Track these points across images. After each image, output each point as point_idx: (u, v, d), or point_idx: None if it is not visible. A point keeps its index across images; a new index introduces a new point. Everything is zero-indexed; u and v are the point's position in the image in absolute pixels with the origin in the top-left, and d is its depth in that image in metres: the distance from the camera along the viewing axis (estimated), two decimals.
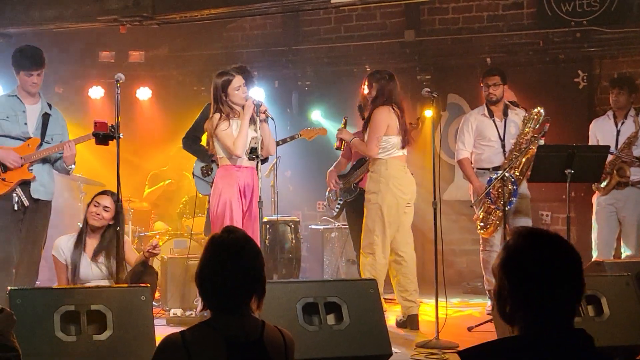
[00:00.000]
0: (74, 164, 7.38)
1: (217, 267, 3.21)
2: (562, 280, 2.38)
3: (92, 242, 6.98)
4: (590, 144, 8.69)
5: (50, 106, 7.50)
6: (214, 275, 3.20)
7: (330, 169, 9.22)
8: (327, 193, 9.33)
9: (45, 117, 7.36)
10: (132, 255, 7.13)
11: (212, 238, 3.30)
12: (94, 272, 6.90)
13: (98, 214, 6.91)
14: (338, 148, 8.03)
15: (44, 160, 7.32)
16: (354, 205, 8.98)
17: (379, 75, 7.73)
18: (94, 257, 6.90)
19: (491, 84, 8.45)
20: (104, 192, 7.09)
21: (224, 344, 3.10)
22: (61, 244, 7.05)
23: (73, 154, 7.23)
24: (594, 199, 8.68)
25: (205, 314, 3.29)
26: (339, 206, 9.11)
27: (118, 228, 6.53)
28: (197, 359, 3.06)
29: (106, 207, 6.91)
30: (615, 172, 8.47)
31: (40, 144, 7.25)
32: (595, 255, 8.58)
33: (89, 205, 7.06)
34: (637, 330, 5.90)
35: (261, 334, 3.20)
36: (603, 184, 8.56)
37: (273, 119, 7.27)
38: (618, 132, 8.64)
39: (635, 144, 8.52)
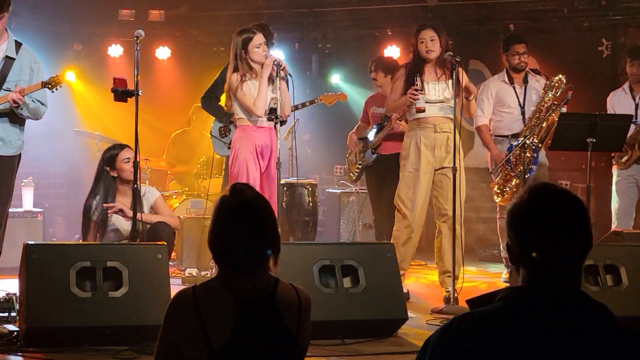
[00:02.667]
0: (30, 108, 6.64)
1: (227, 228, 3.18)
2: (566, 233, 2.31)
3: (124, 200, 6.91)
4: None
5: (18, 48, 6.70)
6: (225, 237, 3.17)
7: (352, 131, 9.19)
8: (347, 156, 9.29)
9: (8, 62, 6.62)
10: (165, 210, 7.15)
11: (220, 199, 3.26)
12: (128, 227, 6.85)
13: (128, 170, 6.81)
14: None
15: (3, 109, 6.63)
16: (373, 169, 8.95)
17: None
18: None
19: (522, 52, 8.34)
20: (122, 147, 6.97)
21: (233, 301, 3.07)
22: (90, 200, 6.99)
23: (13, 98, 6.44)
24: (614, 170, 8.60)
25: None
26: (358, 170, 9.07)
27: (135, 185, 6.46)
28: (207, 314, 3.04)
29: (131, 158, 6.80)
30: (637, 146, 8.37)
31: None
32: (614, 225, 8.52)
33: (112, 163, 6.90)
34: None
35: (273, 291, 3.17)
36: (624, 159, 8.47)
37: (291, 76, 7.20)
38: (637, 105, 8.53)
39: None
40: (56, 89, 6.63)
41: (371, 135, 8.90)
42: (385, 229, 8.76)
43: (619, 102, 8.62)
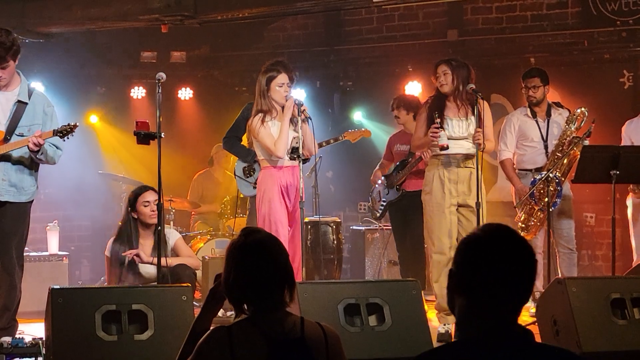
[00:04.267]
0: (48, 154, 6.54)
1: (241, 269, 3.20)
2: (505, 278, 2.34)
3: (146, 243, 6.95)
4: None
5: (31, 93, 6.66)
6: (241, 278, 3.19)
7: (376, 168, 9.21)
8: (371, 193, 9.30)
9: (20, 106, 6.57)
10: (185, 251, 7.15)
11: (231, 243, 3.29)
12: (153, 271, 6.88)
13: (153, 211, 6.86)
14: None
15: (18, 156, 6.58)
16: (397, 206, 8.95)
17: None
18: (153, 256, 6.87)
19: (530, 85, 8.33)
20: (145, 189, 7.03)
21: (265, 341, 3.08)
22: (114, 245, 7.04)
23: (34, 142, 6.35)
24: (628, 199, 8.51)
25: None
26: (382, 207, 9.07)
27: (159, 227, 6.49)
28: (240, 355, 3.05)
29: (155, 200, 6.86)
30: None
31: (6, 138, 6.51)
32: (636, 257, 8.45)
33: (133, 205, 6.96)
34: None
35: (302, 331, 3.17)
36: None
37: (311, 119, 7.23)
38: None
39: None
40: (68, 138, 6.59)
41: (395, 171, 8.92)
42: (410, 266, 8.75)
43: (635, 130, 8.55)
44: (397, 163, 8.98)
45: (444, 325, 7.01)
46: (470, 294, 2.38)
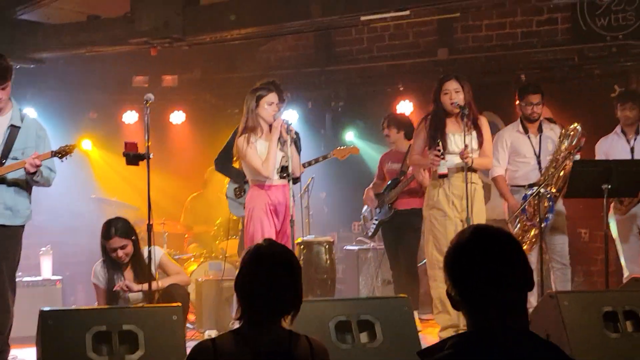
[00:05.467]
0: (43, 175, 6.63)
1: (265, 274, 3.20)
2: (501, 273, 2.34)
3: (128, 270, 6.95)
4: None
5: (23, 117, 6.77)
6: (258, 282, 3.18)
7: (368, 187, 9.21)
8: (363, 211, 9.30)
9: (14, 131, 6.66)
10: (172, 267, 7.12)
11: (257, 247, 3.27)
12: (139, 296, 6.88)
13: (124, 255, 6.85)
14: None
15: (13, 179, 6.65)
16: (389, 225, 8.95)
17: None
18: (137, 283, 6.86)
19: (535, 102, 8.28)
20: (108, 236, 6.85)
21: (251, 354, 3.07)
22: (98, 270, 7.02)
23: (32, 164, 6.45)
24: (611, 216, 8.47)
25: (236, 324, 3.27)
26: (374, 225, 9.06)
27: (150, 247, 6.48)
28: None
29: (122, 246, 6.84)
30: None
31: (1, 162, 6.58)
32: (626, 273, 8.44)
33: (105, 252, 6.94)
34: None
35: (289, 344, 3.17)
36: (625, 203, 8.41)
37: (298, 134, 7.24)
38: (632, 148, 8.50)
39: None
40: (66, 158, 6.63)
41: (387, 190, 8.92)
42: (403, 284, 8.72)
43: (612, 146, 8.57)
44: (389, 182, 8.98)
45: None
46: (469, 303, 2.38)
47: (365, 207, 9.26)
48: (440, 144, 7.17)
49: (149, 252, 6.55)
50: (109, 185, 11.55)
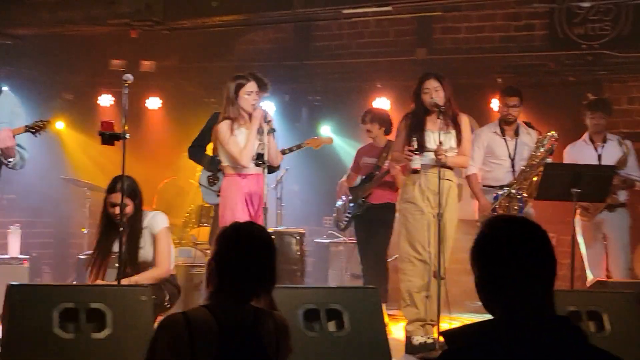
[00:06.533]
0: (19, 156, 6.55)
1: (243, 254, 3.22)
2: (530, 262, 2.35)
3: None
4: None
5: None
6: (239, 261, 3.21)
7: (341, 180, 9.22)
8: (336, 204, 9.31)
9: None
10: (160, 251, 6.73)
11: (237, 226, 3.30)
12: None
13: (117, 214, 6.62)
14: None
15: None
16: (362, 218, 8.97)
17: None
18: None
19: (512, 104, 8.34)
20: (112, 189, 6.62)
21: (219, 328, 3.10)
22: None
23: (7, 146, 6.37)
24: (577, 220, 8.55)
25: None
26: (347, 218, 9.08)
27: (121, 229, 6.43)
28: (196, 338, 3.07)
29: (123, 204, 6.66)
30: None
31: None
32: (589, 277, 8.55)
33: (104, 204, 6.75)
34: (637, 348, 5.86)
35: (254, 319, 3.20)
36: (591, 209, 8.52)
37: (275, 130, 7.25)
38: (599, 156, 8.61)
39: (623, 167, 8.49)
40: (40, 134, 6.55)
41: (361, 184, 8.94)
42: (373, 278, 8.75)
43: (580, 153, 8.67)
44: (364, 176, 9.01)
45: (423, 336, 7.03)
46: (501, 291, 2.37)
47: (338, 201, 9.28)
48: (416, 140, 7.21)
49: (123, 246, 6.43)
50: (80, 167, 11.52)
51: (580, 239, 8.68)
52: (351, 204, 9.04)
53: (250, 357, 3.18)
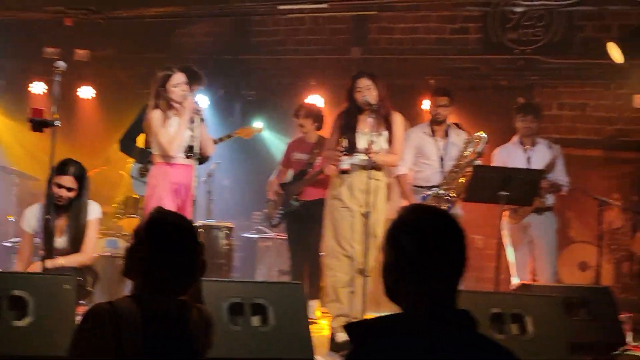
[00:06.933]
0: None
1: (173, 246, 3.20)
2: (441, 254, 2.35)
3: (61, 221, 6.82)
4: None
5: None
6: (169, 253, 3.18)
7: (271, 178, 9.20)
8: (268, 200, 9.28)
9: None
10: (88, 238, 6.88)
11: (157, 219, 3.26)
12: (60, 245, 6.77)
13: (61, 196, 6.69)
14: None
15: None
16: (294, 216, 8.96)
17: None
18: (62, 233, 6.76)
19: (441, 104, 8.42)
20: (62, 169, 6.72)
21: (145, 320, 3.09)
22: (30, 216, 6.87)
23: None
24: (504, 222, 8.65)
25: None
26: (279, 215, 9.07)
27: (48, 217, 6.41)
28: (123, 330, 3.05)
29: (69, 188, 6.71)
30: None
31: None
32: (513, 280, 8.66)
33: (49, 184, 6.78)
34: (559, 351, 5.96)
35: (179, 311, 3.20)
36: (519, 212, 8.64)
37: (203, 120, 7.24)
38: (528, 158, 8.74)
39: (551, 171, 8.63)
40: None
41: (293, 181, 8.94)
42: (301, 275, 8.78)
43: (509, 155, 8.76)
44: (296, 172, 9.01)
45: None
46: (410, 278, 2.36)
47: (270, 198, 9.25)
48: (345, 140, 7.24)
49: (47, 218, 6.45)
50: (11, 154, 11.36)
51: (507, 242, 8.79)
52: (283, 201, 9.02)
53: (175, 349, 3.17)
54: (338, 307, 7.21)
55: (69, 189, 6.66)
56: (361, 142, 7.28)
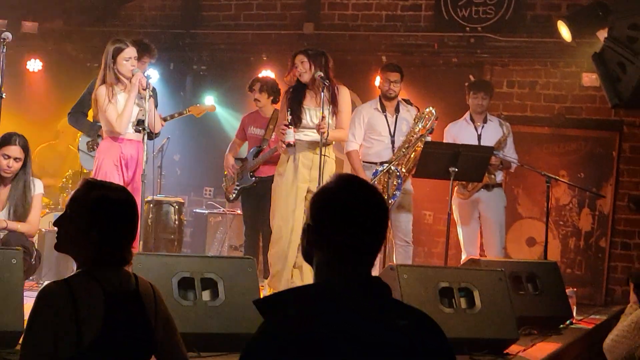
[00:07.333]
0: None
1: (117, 223, 3.18)
2: (362, 223, 2.36)
3: (3, 192, 6.81)
4: None
5: None
6: (107, 228, 3.15)
7: (226, 153, 9.14)
8: (225, 175, 9.21)
9: None
10: (34, 211, 6.98)
11: (101, 193, 3.21)
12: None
13: (9, 167, 6.70)
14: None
15: None
16: (250, 192, 8.92)
17: None
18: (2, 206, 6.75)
19: (393, 80, 8.47)
20: (8, 142, 6.78)
21: (102, 294, 3.07)
22: None
23: None
24: (454, 199, 8.72)
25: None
26: (236, 190, 9.02)
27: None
28: (82, 307, 3.01)
29: (16, 158, 6.72)
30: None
31: None
32: (464, 255, 8.75)
33: None
34: (506, 325, 6.03)
35: (136, 285, 3.19)
36: (469, 187, 8.73)
37: (155, 90, 7.21)
38: (479, 135, 8.82)
39: (501, 148, 8.72)
40: None
41: (250, 157, 8.91)
42: (255, 251, 8.77)
43: (460, 132, 8.87)
44: (252, 149, 8.96)
45: None
46: (326, 245, 2.36)
47: (226, 173, 9.18)
48: (290, 115, 7.28)
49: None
50: None
51: (456, 217, 8.87)
52: (240, 177, 8.97)
53: (133, 323, 3.16)
54: (279, 283, 7.25)
55: (16, 159, 6.69)
56: (306, 118, 7.34)
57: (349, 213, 2.35)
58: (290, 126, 7.22)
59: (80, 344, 2.99)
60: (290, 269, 7.25)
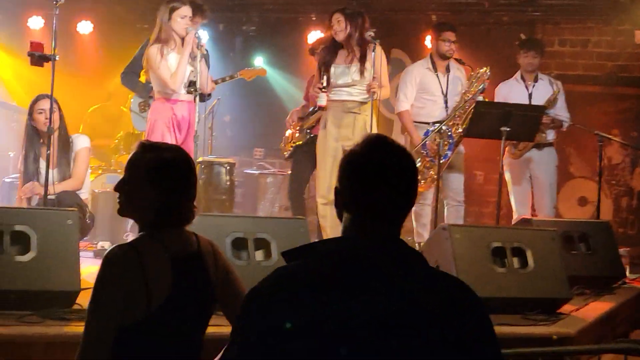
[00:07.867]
0: None
1: (175, 183, 3.20)
2: (392, 185, 2.34)
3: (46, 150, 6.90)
4: None
5: None
6: (165, 188, 3.17)
7: (295, 109, 9.17)
8: (285, 133, 9.20)
9: None
10: (78, 166, 7.08)
11: (156, 150, 3.23)
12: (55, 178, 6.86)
13: (47, 118, 6.75)
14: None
15: None
16: (304, 149, 8.90)
17: None
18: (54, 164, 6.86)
19: (453, 39, 8.41)
20: (42, 96, 6.85)
21: (168, 256, 3.09)
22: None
23: None
24: (505, 159, 8.64)
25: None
26: (292, 148, 9.00)
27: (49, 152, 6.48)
28: (150, 270, 3.04)
29: (52, 110, 6.77)
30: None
31: None
32: (515, 215, 8.70)
33: (30, 112, 6.88)
34: (559, 285, 5.99)
35: (198, 245, 3.22)
36: (520, 147, 8.64)
37: (207, 52, 7.22)
38: (530, 94, 8.72)
39: (552, 107, 8.62)
40: None
41: (307, 116, 8.91)
42: (303, 210, 8.78)
43: (511, 91, 8.75)
44: (311, 108, 8.95)
45: None
46: (354, 208, 2.35)
47: (288, 130, 9.17)
48: (325, 77, 7.39)
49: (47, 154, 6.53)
50: (9, 89, 11.31)
51: (507, 177, 8.81)
52: (298, 134, 8.95)
53: (197, 283, 3.18)
54: None
55: (52, 111, 6.70)
56: (337, 78, 7.48)
57: (375, 175, 2.33)
58: (324, 90, 7.27)
59: (149, 306, 3.01)
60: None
